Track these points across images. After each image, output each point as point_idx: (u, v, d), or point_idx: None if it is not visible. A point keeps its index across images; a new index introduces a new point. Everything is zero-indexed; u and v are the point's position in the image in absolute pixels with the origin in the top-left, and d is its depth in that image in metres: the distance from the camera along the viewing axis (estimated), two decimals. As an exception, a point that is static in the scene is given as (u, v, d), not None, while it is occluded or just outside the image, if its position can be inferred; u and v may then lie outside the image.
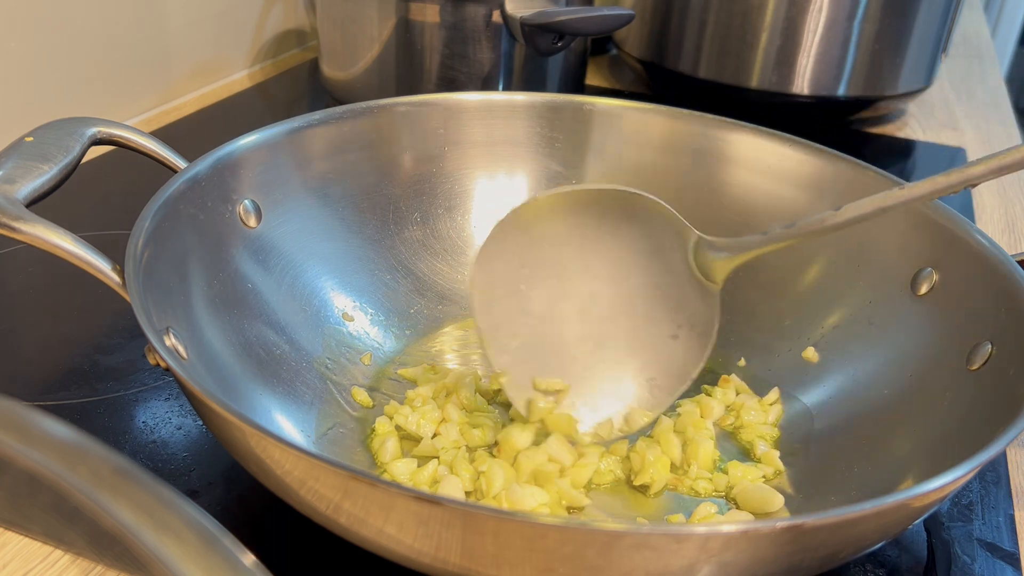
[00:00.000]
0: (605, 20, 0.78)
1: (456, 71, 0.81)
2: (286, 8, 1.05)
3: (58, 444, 0.23)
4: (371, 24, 0.81)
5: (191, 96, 0.94)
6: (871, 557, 0.43)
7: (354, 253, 0.57)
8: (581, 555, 0.31)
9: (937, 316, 0.48)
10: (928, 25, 0.89)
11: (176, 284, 0.45)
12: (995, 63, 1.26)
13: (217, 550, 0.22)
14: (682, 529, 0.31)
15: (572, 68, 0.88)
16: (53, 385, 0.51)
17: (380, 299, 0.57)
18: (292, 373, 0.50)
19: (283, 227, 0.54)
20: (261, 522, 0.43)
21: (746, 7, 0.87)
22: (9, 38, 0.73)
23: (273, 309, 0.51)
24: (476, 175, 0.62)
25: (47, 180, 0.45)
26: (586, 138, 0.62)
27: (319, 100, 0.94)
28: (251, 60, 1.02)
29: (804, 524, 0.31)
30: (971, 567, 0.43)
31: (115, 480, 0.23)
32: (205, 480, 0.45)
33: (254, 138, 0.53)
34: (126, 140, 0.50)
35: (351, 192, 0.58)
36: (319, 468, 0.33)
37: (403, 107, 0.59)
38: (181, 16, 0.89)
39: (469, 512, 0.31)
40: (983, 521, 0.46)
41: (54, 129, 0.48)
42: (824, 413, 0.50)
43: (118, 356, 0.54)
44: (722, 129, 0.60)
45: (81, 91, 0.80)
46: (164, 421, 0.49)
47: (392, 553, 0.35)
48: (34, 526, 0.38)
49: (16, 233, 0.41)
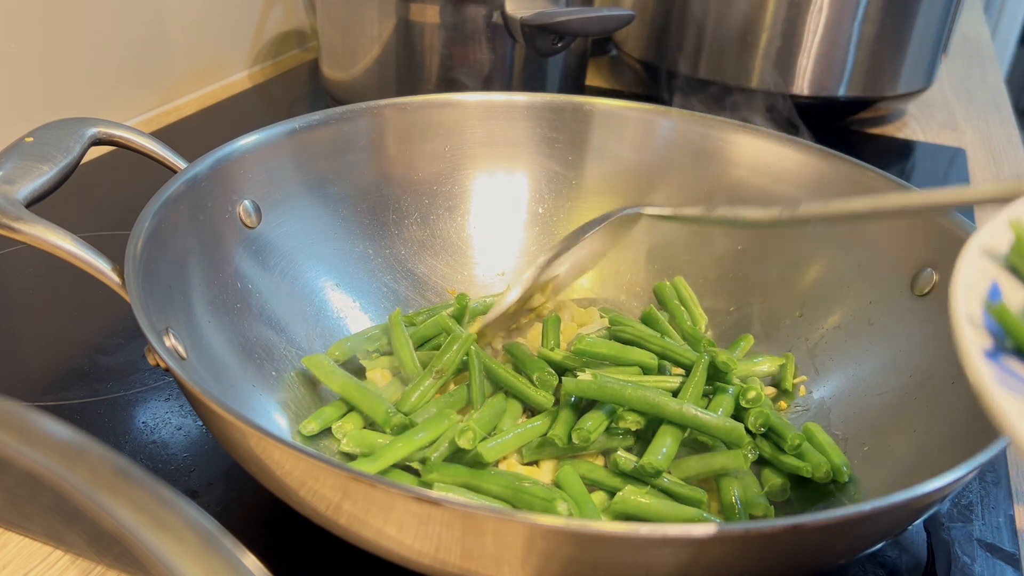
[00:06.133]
0: (605, 21, 0.78)
1: (456, 72, 0.81)
2: (286, 9, 1.05)
3: (58, 444, 0.23)
4: (371, 25, 0.81)
5: (191, 97, 0.94)
6: (871, 557, 0.43)
7: (354, 253, 0.57)
8: (581, 555, 0.31)
9: (937, 316, 0.48)
10: (928, 25, 0.89)
11: (176, 284, 0.45)
12: (995, 63, 1.26)
13: (217, 550, 0.22)
14: (682, 529, 0.31)
15: (572, 69, 0.88)
16: (53, 385, 0.51)
17: (380, 299, 0.57)
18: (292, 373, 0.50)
19: (283, 227, 0.54)
20: (261, 522, 0.43)
21: (746, 7, 0.87)
22: (9, 39, 0.73)
23: (273, 309, 0.51)
24: (476, 175, 0.62)
25: (47, 180, 0.45)
26: (586, 138, 0.62)
27: (319, 101, 0.94)
28: (251, 61, 1.02)
29: (804, 524, 0.31)
30: (971, 567, 0.43)
31: (115, 480, 0.23)
32: (205, 480, 0.45)
33: (254, 139, 0.53)
34: (126, 140, 0.50)
35: (351, 192, 0.58)
36: (319, 468, 0.33)
37: (403, 108, 0.59)
38: (181, 17, 0.89)
39: (469, 512, 0.31)
40: (983, 521, 0.46)
41: (54, 129, 0.48)
42: (824, 413, 0.50)
43: (118, 356, 0.54)
44: (722, 129, 0.60)
45: (81, 91, 0.80)
46: (164, 421, 0.49)
47: (392, 553, 0.35)
48: (34, 526, 0.38)
49: (16, 233, 0.41)
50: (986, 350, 0.24)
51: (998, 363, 0.24)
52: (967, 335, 0.25)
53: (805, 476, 0.44)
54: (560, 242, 0.54)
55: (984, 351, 0.24)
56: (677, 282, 0.58)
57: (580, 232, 0.54)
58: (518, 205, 0.62)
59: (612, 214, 0.55)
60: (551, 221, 0.62)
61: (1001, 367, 0.24)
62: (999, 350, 0.25)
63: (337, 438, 0.47)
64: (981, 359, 0.24)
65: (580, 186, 0.62)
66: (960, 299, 0.26)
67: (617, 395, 0.45)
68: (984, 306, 0.26)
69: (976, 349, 0.24)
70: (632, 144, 0.62)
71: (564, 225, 0.62)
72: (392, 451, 0.44)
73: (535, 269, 0.52)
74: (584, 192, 0.62)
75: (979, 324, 0.25)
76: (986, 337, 0.25)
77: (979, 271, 0.28)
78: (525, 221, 0.62)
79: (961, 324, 0.25)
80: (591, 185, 0.62)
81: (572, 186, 0.62)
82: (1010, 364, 0.24)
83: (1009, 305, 0.26)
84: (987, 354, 0.24)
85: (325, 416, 0.47)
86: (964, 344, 0.24)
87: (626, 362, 0.50)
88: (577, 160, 0.62)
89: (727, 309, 0.57)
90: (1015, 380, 0.24)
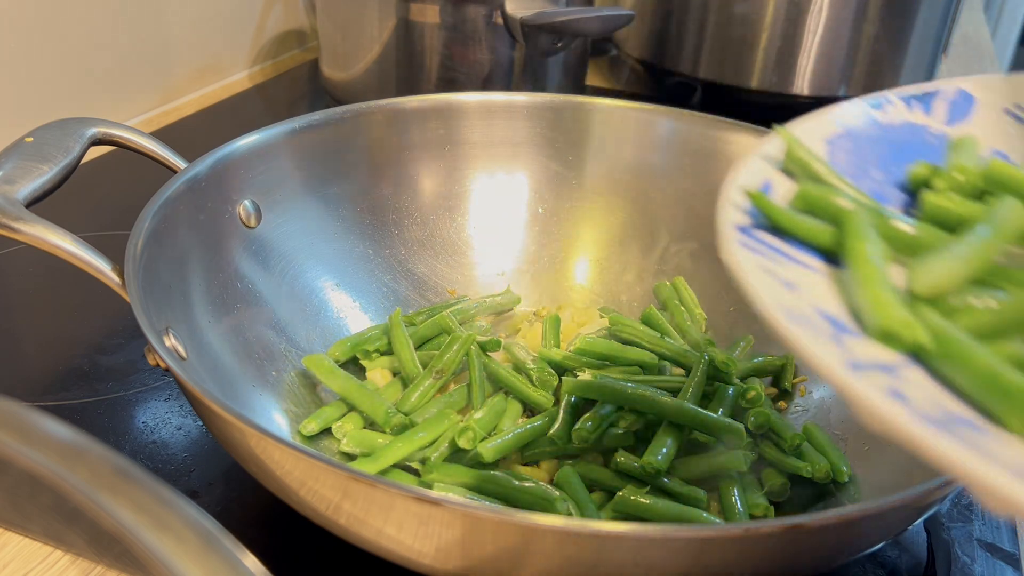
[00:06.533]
0: (605, 21, 0.78)
1: (456, 72, 0.81)
2: (286, 9, 1.05)
3: (58, 445, 0.23)
4: (371, 25, 0.81)
5: (191, 97, 0.94)
6: (871, 557, 0.43)
7: (354, 253, 0.57)
8: (581, 555, 0.31)
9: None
10: (928, 25, 0.89)
11: (176, 284, 0.45)
12: (995, 63, 1.26)
13: (217, 550, 0.22)
14: (682, 530, 0.31)
15: (572, 69, 0.88)
16: (53, 385, 0.51)
17: (380, 299, 0.57)
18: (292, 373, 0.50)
19: (283, 227, 0.54)
20: (261, 522, 0.43)
21: (746, 7, 0.87)
22: (9, 38, 0.73)
23: (273, 309, 0.51)
24: (476, 175, 0.62)
25: (47, 180, 0.45)
26: (586, 138, 0.62)
27: (319, 101, 0.94)
28: (251, 61, 1.02)
29: (805, 525, 0.31)
30: (971, 567, 0.43)
31: (115, 480, 0.23)
32: (205, 480, 0.45)
33: (254, 138, 0.53)
34: (126, 140, 0.50)
35: (351, 192, 0.58)
36: (319, 468, 0.33)
37: (403, 107, 0.59)
38: (181, 17, 0.89)
39: (469, 512, 0.31)
40: (983, 521, 0.46)
41: (54, 129, 0.48)
42: (824, 413, 0.50)
43: (118, 356, 0.54)
44: (722, 129, 0.60)
45: (81, 91, 0.80)
46: (164, 421, 0.49)
47: (392, 554, 0.35)
48: (34, 526, 0.38)
49: (16, 233, 0.41)
50: (739, 225, 0.28)
51: (747, 234, 0.28)
52: (726, 211, 0.29)
53: (805, 476, 0.44)
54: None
55: (737, 225, 0.28)
56: (677, 282, 0.58)
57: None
58: (518, 205, 0.62)
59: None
60: (551, 221, 0.62)
61: (748, 235, 0.28)
62: (755, 227, 0.29)
63: (337, 438, 0.47)
64: (731, 229, 0.28)
65: (580, 186, 0.62)
66: (731, 190, 0.30)
67: (617, 395, 0.45)
68: (746, 193, 0.30)
69: (729, 221, 0.28)
70: (632, 144, 0.62)
71: (564, 225, 0.62)
72: (392, 451, 0.44)
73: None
74: (584, 192, 0.62)
75: (741, 209, 0.29)
76: (744, 217, 0.29)
77: (756, 171, 0.31)
78: (525, 221, 0.62)
79: (724, 205, 0.29)
80: (591, 185, 0.62)
81: (572, 186, 0.62)
82: (759, 235, 0.28)
83: (776, 197, 0.30)
84: (739, 228, 0.28)
85: (325, 416, 0.47)
86: (721, 218, 0.28)
87: (626, 362, 0.50)
88: (577, 160, 0.62)
89: (727, 309, 0.57)
90: (759, 244, 0.28)
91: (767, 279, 0.26)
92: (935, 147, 0.35)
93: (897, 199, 0.33)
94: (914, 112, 0.37)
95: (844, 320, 0.25)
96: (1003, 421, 0.23)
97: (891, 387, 0.22)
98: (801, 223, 0.29)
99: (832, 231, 0.29)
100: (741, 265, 0.26)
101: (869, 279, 0.26)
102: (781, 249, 0.28)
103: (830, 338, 0.24)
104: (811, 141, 0.33)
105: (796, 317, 0.24)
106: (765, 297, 0.24)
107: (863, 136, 0.34)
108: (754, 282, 0.25)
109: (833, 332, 0.24)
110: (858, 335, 0.25)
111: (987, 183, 0.32)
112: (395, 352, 0.51)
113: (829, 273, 0.28)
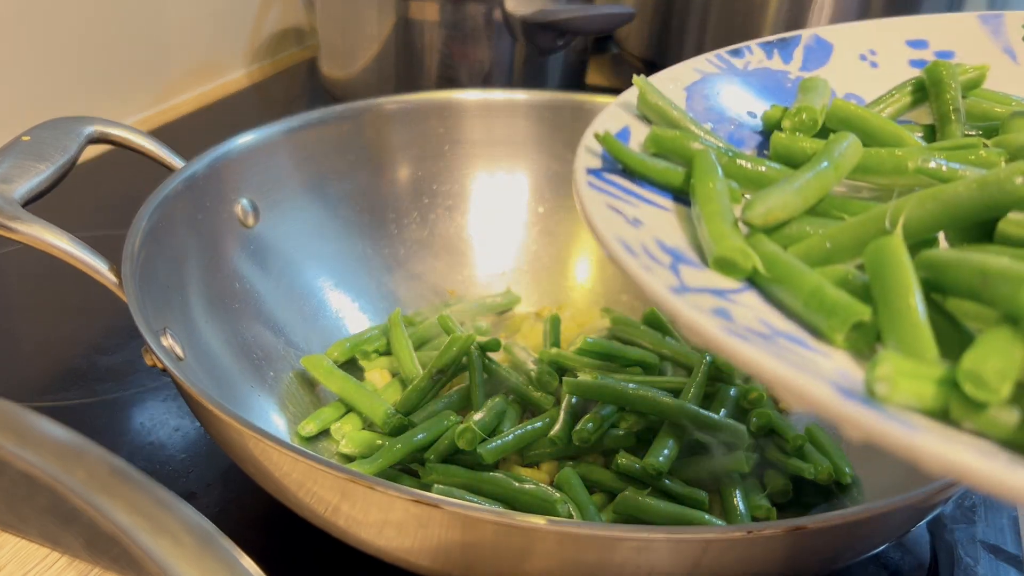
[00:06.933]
0: (606, 19, 0.78)
1: (456, 70, 0.81)
2: (285, 7, 1.05)
3: (55, 446, 0.23)
4: (371, 23, 0.81)
5: (189, 95, 0.93)
6: (874, 559, 0.43)
7: (352, 253, 0.57)
8: (581, 557, 0.31)
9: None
10: (929, 24, 0.89)
11: (173, 284, 0.45)
12: (995, 63, 1.26)
13: (214, 552, 0.22)
14: (684, 532, 0.31)
15: (572, 67, 0.88)
16: (50, 386, 0.51)
17: (379, 299, 0.57)
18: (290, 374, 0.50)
19: (281, 227, 0.54)
20: (259, 524, 0.43)
21: (747, 6, 0.87)
22: (5, 37, 0.72)
23: (271, 309, 0.51)
24: (476, 174, 0.61)
25: (44, 179, 0.45)
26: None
27: (317, 99, 0.94)
28: (249, 59, 1.02)
29: (807, 526, 0.31)
30: (974, 569, 0.43)
31: (112, 482, 0.23)
32: (203, 482, 0.45)
33: (252, 137, 0.53)
34: (123, 139, 0.50)
35: (349, 192, 0.58)
36: (317, 470, 0.33)
37: (402, 106, 0.59)
38: (179, 15, 0.89)
39: (469, 514, 0.31)
40: (986, 523, 0.45)
41: (51, 128, 0.48)
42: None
43: (116, 357, 0.54)
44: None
45: (78, 90, 0.80)
46: (162, 422, 0.49)
47: (391, 555, 0.35)
48: (31, 528, 0.38)
49: (13, 233, 0.41)
50: (590, 168, 0.30)
51: (598, 176, 0.30)
52: (580, 156, 0.30)
53: (807, 478, 0.44)
54: None
55: (589, 168, 0.30)
56: None
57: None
58: (518, 204, 0.62)
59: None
60: (551, 221, 0.62)
61: (599, 177, 0.29)
62: (607, 171, 0.30)
63: (336, 439, 0.46)
64: (583, 172, 0.29)
65: (580, 185, 0.62)
66: (589, 137, 0.31)
67: (618, 396, 0.45)
68: (596, 137, 0.31)
69: (582, 166, 0.30)
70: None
71: (564, 225, 0.62)
72: (391, 452, 0.44)
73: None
74: (584, 191, 0.62)
75: (595, 153, 0.31)
76: (597, 160, 0.30)
77: (614, 118, 0.33)
78: (525, 221, 0.62)
79: (580, 151, 0.30)
80: (591, 184, 0.62)
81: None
82: (610, 177, 0.30)
83: (633, 142, 0.32)
84: (591, 170, 0.30)
85: (324, 417, 0.47)
86: (576, 164, 0.30)
87: (627, 362, 0.50)
88: (577, 159, 0.62)
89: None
90: (609, 185, 0.29)
91: (611, 215, 0.27)
92: (792, 91, 0.37)
93: (754, 141, 0.35)
94: (773, 60, 0.38)
95: (686, 252, 0.27)
96: (827, 336, 0.24)
97: (717, 307, 0.24)
98: (650, 164, 0.31)
99: (682, 172, 0.31)
100: (586, 203, 0.27)
101: (711, 214, 0.28)
102: (631, 189, 0.30)
103: (668, 267, 0.25)
104: (670, 89, 0.35)
105: (631, 249, 0.25)
106: (604, 231, 0.26)
107: (722, 83, 0.36)
108: (596, 218, 0.27)
109: (671, 262, 0.26)
110: (699, 265, 0.27)
111: (831, 121, 0.34)
112: (394, 353, 0.51)
113: (678, 211, 0.30)
